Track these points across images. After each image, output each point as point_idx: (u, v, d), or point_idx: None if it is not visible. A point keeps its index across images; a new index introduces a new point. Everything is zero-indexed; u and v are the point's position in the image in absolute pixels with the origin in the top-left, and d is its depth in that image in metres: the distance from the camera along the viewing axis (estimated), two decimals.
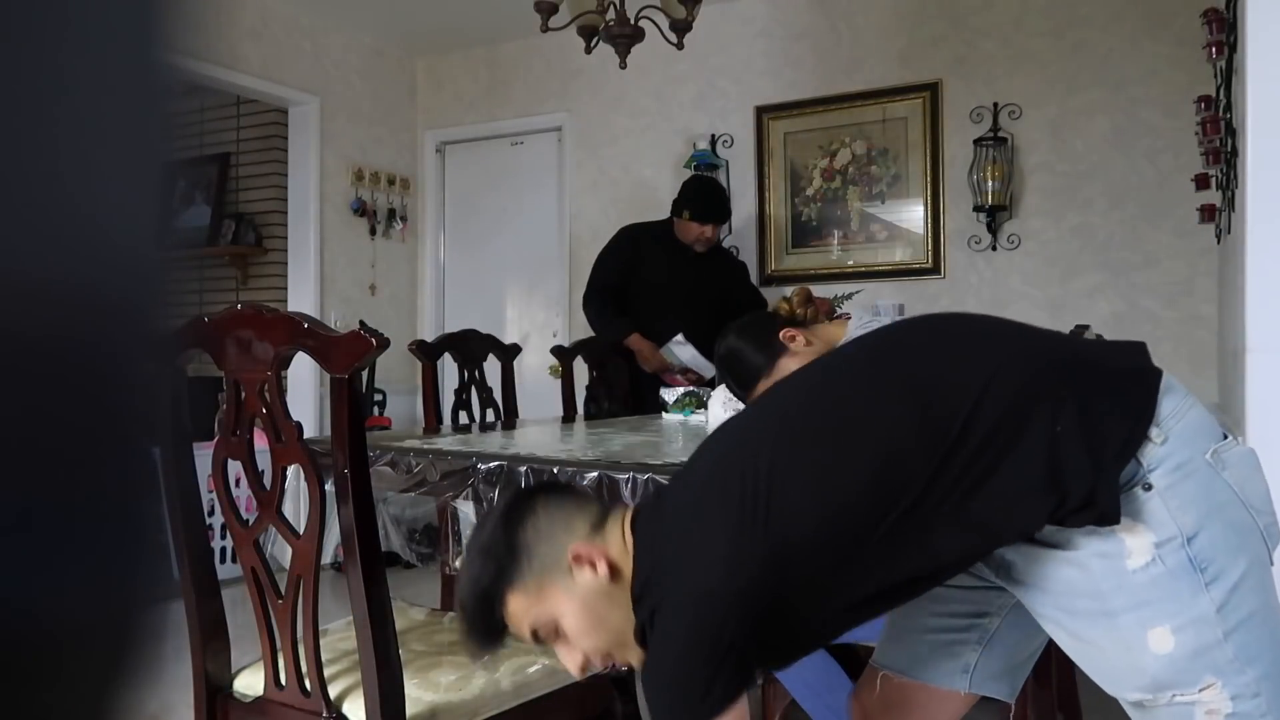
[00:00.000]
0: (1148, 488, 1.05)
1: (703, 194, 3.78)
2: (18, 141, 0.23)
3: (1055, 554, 1.09)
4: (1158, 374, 1.10)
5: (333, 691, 1.43)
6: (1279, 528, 1.09)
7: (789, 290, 2.88)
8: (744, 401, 2.17)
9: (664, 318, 3.74)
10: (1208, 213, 3.43)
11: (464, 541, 2.61)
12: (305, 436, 1.35)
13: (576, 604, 1.13)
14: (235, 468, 1.45)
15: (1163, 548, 1.03)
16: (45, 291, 0.24)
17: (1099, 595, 1.07)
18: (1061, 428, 1.04)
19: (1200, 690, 1.03)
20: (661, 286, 3.79)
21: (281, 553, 1.48)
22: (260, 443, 1.35)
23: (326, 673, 1.43)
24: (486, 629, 1.16)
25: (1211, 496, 1.05)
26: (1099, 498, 1.02)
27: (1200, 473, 1.06)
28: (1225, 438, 1.10)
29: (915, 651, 1.30)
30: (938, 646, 1.28)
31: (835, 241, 4.49)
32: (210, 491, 1.77)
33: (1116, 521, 1.03)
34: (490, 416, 2.95)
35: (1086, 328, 2.81)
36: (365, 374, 4.71)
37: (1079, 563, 1.08)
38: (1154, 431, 1.06)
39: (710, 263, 3.87)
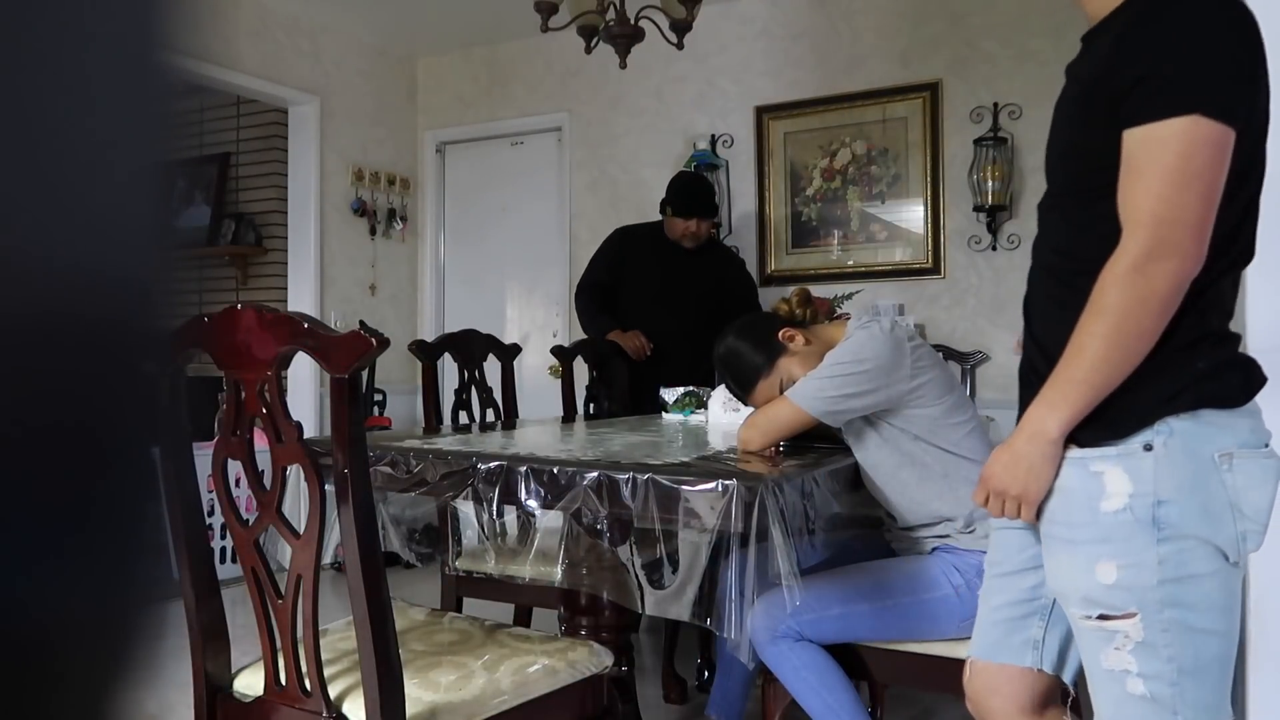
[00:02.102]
0: (1148, 448, 1.20)
1: (684, 190, 3.76)
2: (20, 137, 0.23)
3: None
4: (1263, 382, 1.25)
5: (333, 691, 1.43)
6: (1260, 539, 1.21)
7: (789, 290, 2.89)
8: (744, 402, 2.18)
9: (656, 315, 3.73)
10: None
11: (464, 541, 2.61)
12: (305, 436, 1.35)
13: None
14: (235, 468, 1.45)
15: (1135, 499, 1.20)
16: (43, 294, 0.24)
17: (1070, 525, 1.25)
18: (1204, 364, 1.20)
19: (1123, 617, 1.21)
20: (653, 285, 3.78)
21: (282, 553, 1.48)
22: (260, 443, 1.35)
23: (326, 673, 1.43)
24: None
25: (1199, 484, 1.18)
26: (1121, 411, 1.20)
27: (1200, 463, 1.18)
28: (1265, 446, 1.22)
29: (992, 636, 1.46)
30: (1008, 625, 1.44)
31: (835, 241, 4.49)
32: (210, 491, 1.77)
33: (1107, 441, 1.21)
34: (490, 416, 2.95)
35: None
36: (365, 374, 4.71)
37: (1063, 491, 1.26)
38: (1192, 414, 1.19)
39: (704, 259, 3.85)
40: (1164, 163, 1.13)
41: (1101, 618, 1.23)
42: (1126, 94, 1.17)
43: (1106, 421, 1.21)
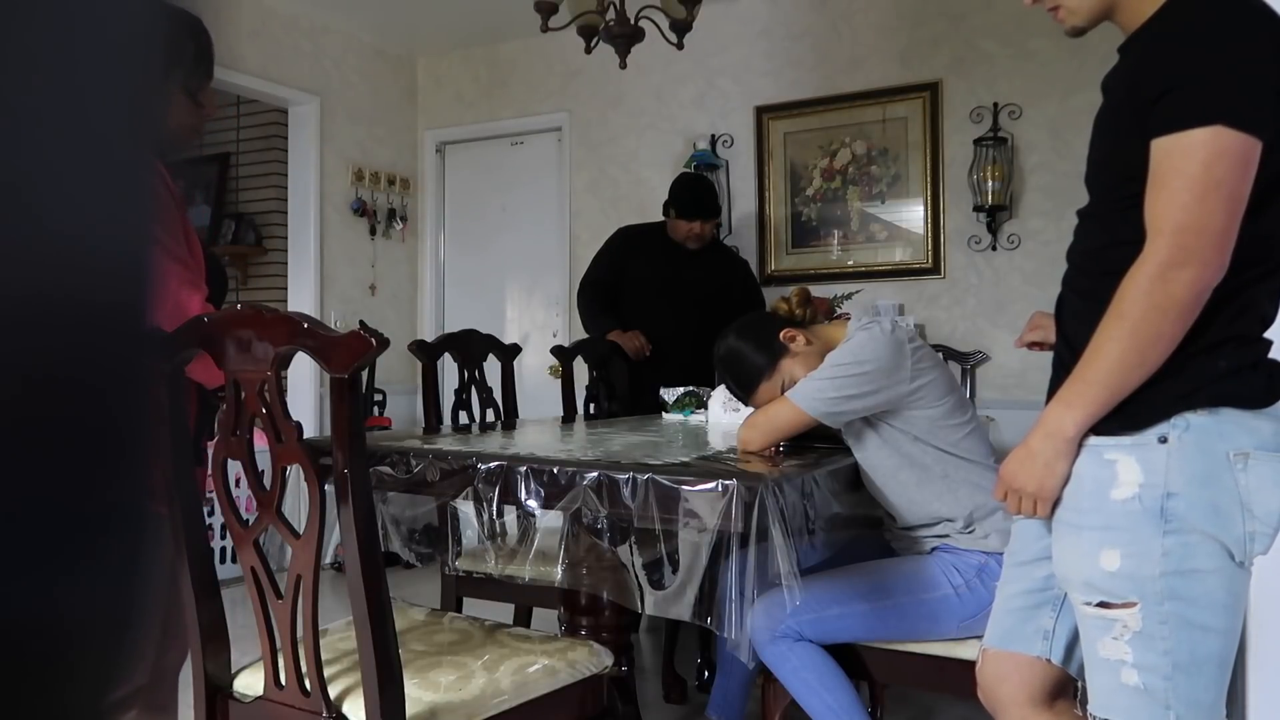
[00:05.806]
0: (1163, 440, 1.21)
1: (688, 191, 3.76)
2: (15, 124, 0.23)
3: None
4: None
5: (333, 691, 1.43)
6: (1268, 542, 1.21)
7: (789, 290, 2.88)
8: (744, 402, 2.17)
9: (658, 315, 3.73)
10: None
11: (464, 541, 2.61)
12: (305, 436, 1.35)
13: None
14: (235, 468, 1.45)
15: (1145, 489, 1.22)
16: (42, 301, 0.24)
17: (1079, 511, 1.28)
18: (1226, 363, 1.21)
19: (1123, 606, 1.23)
20: (655, 285, 3.78)
21: (283, 553, 1.48)
22: (260, 443, 1.35)
23: (326, 673, 1.43)
24: None
25: (1210, 480, 1.19)
26: (1140, 406, 1.22)
27: (1213, 460, 1.19)
28: None
29: (1006, 624, 1.49)
30: (1021, 614, 1.47)
31: (835, 241, 4.49)
32: (210, 491, 1.77)
33: (1124, 432, 1.23)
34: (490, 416, 2.95)
35: None
36: (365, 374, 4.71)
37: (1075, 478, 1.28)
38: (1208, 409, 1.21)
39: (708, 261, 3.85)
40: (1187, 172, 1.15)
41: (1102, 605, 1.25)
42: (1153, 105, 1.19)
43: (1125, 413, 1.23)
